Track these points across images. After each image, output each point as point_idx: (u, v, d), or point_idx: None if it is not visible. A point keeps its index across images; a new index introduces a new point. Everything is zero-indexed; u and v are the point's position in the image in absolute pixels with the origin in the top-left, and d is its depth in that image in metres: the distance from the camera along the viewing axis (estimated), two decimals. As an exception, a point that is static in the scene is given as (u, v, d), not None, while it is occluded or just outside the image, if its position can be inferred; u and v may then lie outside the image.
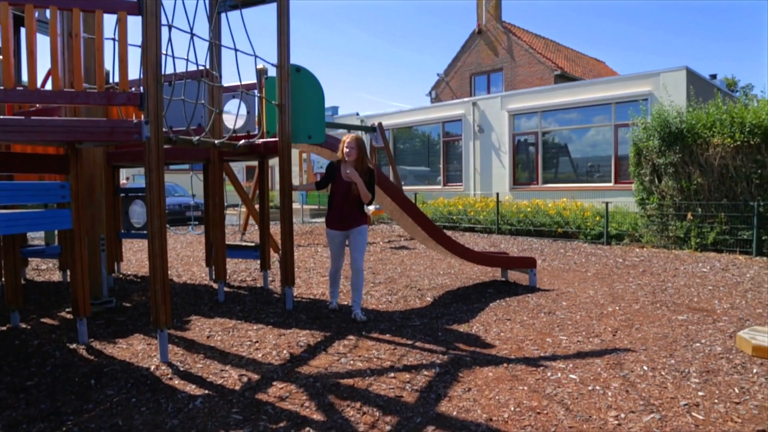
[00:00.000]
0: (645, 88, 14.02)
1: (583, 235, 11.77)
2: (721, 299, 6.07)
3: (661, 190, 10.68)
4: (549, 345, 4.34)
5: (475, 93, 25.72)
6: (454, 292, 6.43)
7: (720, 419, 3.03)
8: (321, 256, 9.52)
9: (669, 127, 10.43)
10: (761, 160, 9.55)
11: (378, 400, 3.24)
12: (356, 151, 5.02)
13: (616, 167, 14.64)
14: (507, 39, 25.20)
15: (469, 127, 17.76)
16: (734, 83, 40.30)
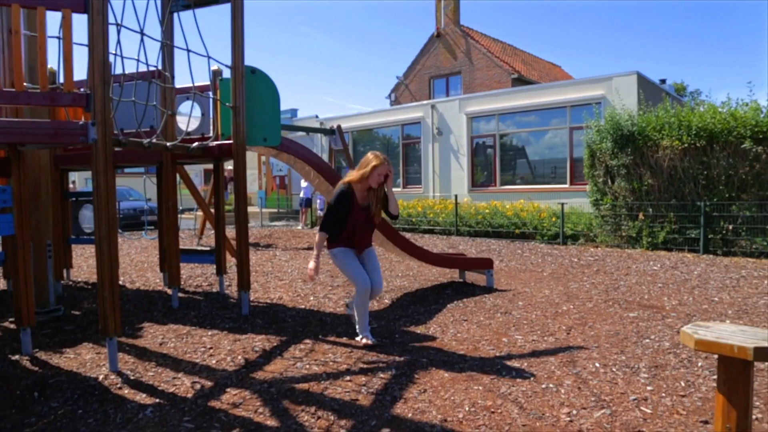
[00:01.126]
0: (598, 92, 14.36)
1: (540, 236, 11.97)
2: (670, 296, 6.24)
3: (614, 191, 10.96)
4: (505, 345, 4.39)
5: (434, 96, 25.92)
6: (413, 294, 6.44)
7: (666, 412, 3.11)
8: (279, 259, 9.42)
9: (621, 129, 10.71)
10: (707, 161, 9.89)
11: (333, 404, 3.21)
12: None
13: (572, 169, 14.96)
14: (465, 43, 25.48)
15: (428, 130, 17.89)
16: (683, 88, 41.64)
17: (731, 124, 9.65)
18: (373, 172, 4.18)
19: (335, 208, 4.22)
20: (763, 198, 9.46)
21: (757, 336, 2.48)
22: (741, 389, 2.45)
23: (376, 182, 4.23)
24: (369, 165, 4.19)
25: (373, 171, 4.18)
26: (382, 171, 4.19)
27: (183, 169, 7.62)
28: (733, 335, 2.49)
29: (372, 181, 4.21)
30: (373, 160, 4.19)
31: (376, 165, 4.17)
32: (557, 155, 15.55)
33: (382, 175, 4.21)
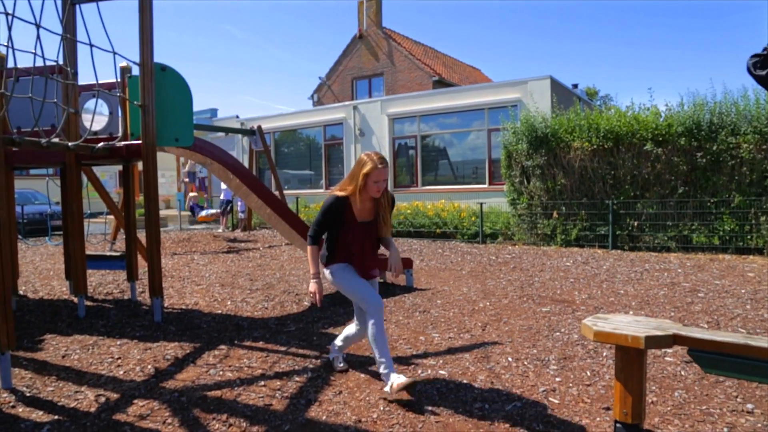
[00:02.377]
0: (514, 95, 14.85)
1: (461, 235, 12.23)
2: (581, 290, 6.53)
3: (530, 191, 11.35)
4: (422, 343, 4.44)
5: (356, 97, 25.98)
6: (333, 296, 6.41)
7: (573, 401, 3.24)
8: (197, 264, 9.14)
9: (535, 131, 11.11)
10: (614, 162, 10.43)
11: (246, 410, 3.13)
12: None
13: (490, 169, 15.38)
14: (387, 45, 25.70)
15: (351, 131, 17.91)
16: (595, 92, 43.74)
17: (635, 127, 10.23)
18: (367, 182, 3.26)
19: (326, 216, 3.36)
20: (664, 196, 10.08)
21: (649, 325, 2.63)
22: (635, 376, 2.58)
23: (376, 192, 3.30)
24: (360, 173, 3.26)
25: (367, 180, 3.25)
26: (378, 177, 3.25)
27: (91, 170, 7.25)
28: (628, 326, 2.62)
29: (371, 191, 3.30)
30: (365, 164, 3.26)
31: (368, 172, 3.23)
32: (477, 156, 15.96)
33: (381, 181, 3.28)
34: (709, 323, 5.04)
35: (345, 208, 3.35)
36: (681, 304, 5.81)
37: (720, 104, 9.89)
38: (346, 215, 3.36)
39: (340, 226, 3.39)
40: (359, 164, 3.30)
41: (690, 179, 9.96)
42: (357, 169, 3.31)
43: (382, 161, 3.27)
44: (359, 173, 3.27)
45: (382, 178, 3.27)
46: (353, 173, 3.32)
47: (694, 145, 9.80)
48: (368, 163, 3.25)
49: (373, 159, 3.26)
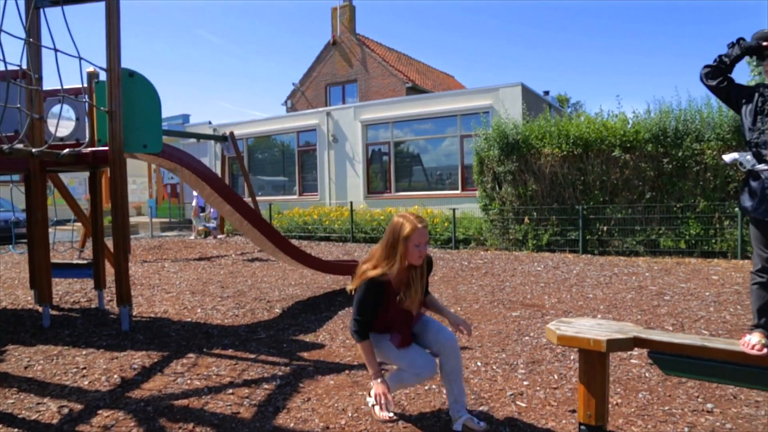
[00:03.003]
0: (486, 102, 15.00)
1: (434, 241, 12.29)
2: (551, 295, 6.61)
3: (502, 197, 11.47)
4: (392, 349, 4.45)
5: (330, 103, 25.97)
6: (305, 303, 6.39)
7: (540, 405, 3.28)
8: (168, 271, 9.02)
9: (507, 138, 11.24)
10: (584, 168, 10.60)
11: (213, 418, 3.10)
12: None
13: (463, 175, 15.50)
14: (361, 51, 25.76)
15: (324, 137, 17.89)
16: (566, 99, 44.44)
17: (603, 134, 10.41)
18: (408, 248, 2.79)
19: (368, 298, 2.85)
20: (632, 201, 10.27)
21: (611, 329, 2.68)
22: (598, 378, 2.62)
23: (418, 258, 2.83)
24: (399, 239, 2.78)
25: (408, 245, 2.78)
26: (420, 239, 2.79)
27: (57, 177, 7.13)
28: (590, 329, 2.67)
29: (412, 258, 2.81)
30: (402, 227, 2.79)
31: (408, 235, 2.77)
32: (449, 162, 16.07)
33: (423, 245, 2.82)
34: (674, 325, 5.15)
35: (384, 287, 2.85)
36: (647, 307, 5.92)
37: (685, 111, 10.13)
38: (386, 293, 2.86)
39: (381, 304, 2.90)
40: (395, 229, 2.81)
41: (657, 185, 10.17)
42: (393, 235, 2.81)
43: (421, 220, 2.83)
44: (398, 239, 2.78)
45: (424, 240, 2.81)
46: (388, 242, 2.82)
47: (660, 152, 10.02)
48: (406, 225, 2.78)
49: (411, 219, 2.81)
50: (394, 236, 2.80)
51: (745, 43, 2.53)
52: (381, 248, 2.88)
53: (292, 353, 4.38)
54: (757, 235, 2.52)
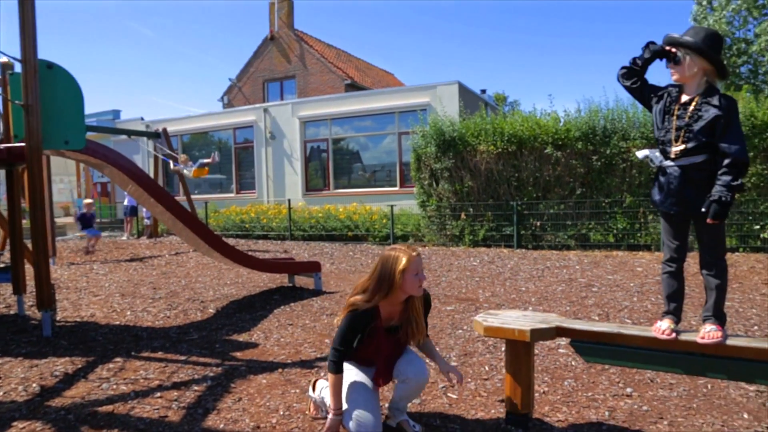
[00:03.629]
0: (424, 99, 15.15)
1: (372, 238, 12.33)
2: (485, 288, 6.75)
3: (439, 193, 11.62)
4: (327, 346, 4.43)
5: (268, 99, 25.59)
6: (240, 302, 6.28)
7: (470, 396, 3.35)
8: (96, 273, 8.67)
9: (443, 135, 11.39)
10: (518, 165, 10.87)
11: (139, 423, 3.01)
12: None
13: (401, 172, 15.62)
14: (299, 47, 25.50)
15: (261, 134, 17.64)
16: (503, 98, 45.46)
17: (536, 132, 10.70)
18: (407, 279, 2.62)
19: (350, 329, 2.69)
20: (564, 197, 10.61)
21: (535, 319, 2.76)
22: (524, 368, 2.70)
23: (419, 289, 2.69)
24: (395, 272, 2.61)
25: (405, 277, 2.62)
26: (418, 267, 2.68)
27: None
28: (516, 320, 2.74)
29: (412, 289, 2.66)
30: (397, 260, 2.63)
31: (405, 268, 2.61)
32: (388, 159, 16.16)
33: (422, 272, 2.70)
34: (600, 315, 5.36)
35: (371, 319, 2.70)
36: (576, 298, 6.13)
37: (612, 111, 10.55)
38: (375, 325, 2.72)
39: (368, 336, 2.74)
40: (388, 262, 2.65)
41: (587, 181, 10.54)
42: (385, 269, 2.65)
43: (413, 249, 2.71)
44: (392, 273, 2.61)
45: (421, 268, 2.70)
46: (382, 276, 2.64)
47: (590, 149, 10.39)
48: (402, 257, 2.63)
49: (404, 250, 2.68)
50: (387, 270, 2.63)
51: (654, 47, 2.65)
52: (370, 281, 2.71)
53: (224, 353, 4.30)
54: (665, 226, 2.65)
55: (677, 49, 2.56)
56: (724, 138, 2.42)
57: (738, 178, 2.37)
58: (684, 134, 2.51)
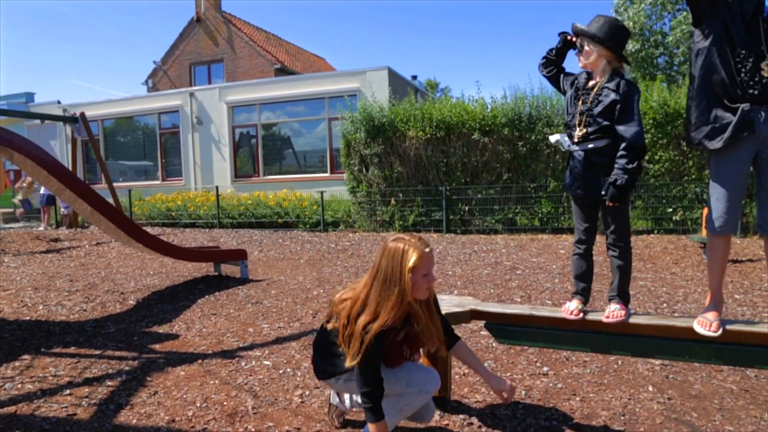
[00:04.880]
0: (354, 85, 15.08)
1: (302, 224, 12.23)
2: (412, 274, 6.81)
3: (369, 179, 11.64)
4: (250, 335, 4.36)
5: (195, 83, 24.79)
6: (162, 292, 6.08)
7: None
8: (7, 266, 8.18)
9: (373, 121, 11.39)
10: (446, 150, 11.02)
11: (44, 423, 2.86)
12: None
13: (332, 158, 15.53)
14: (227, 30, 24.78)
15: (188, 119, 17.09)
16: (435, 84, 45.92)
17: (464, 118, 10.87)
18: (416, 279, 2.23)
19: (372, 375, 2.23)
20: (491, 182, 10.85)
21: (452, 303, 2.80)
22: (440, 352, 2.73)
23: (425, 292, 2.30)
24: (403, 269, 2.20)
25: (415, 277, 2.22)
26: (429, 266, 2.27)
27: None
28: (433, 304, 2.77)
29: (419, 292, 2.27)
30: (406, 254, 2.22)
31: (416, 265, 2.21)
32: (318, 145, 16.03)
33: (431, 273, 2.29)
34: (522, 297, 5.52)
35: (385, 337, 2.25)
36: (501, 281, 6.29)
37: (537, 98, 10.85)
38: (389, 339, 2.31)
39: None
40: (394, 256, 2.22)
41: (513, 166, 10.82)
42: (392, 264, 2.21)
43: (425, 243, 2.28)
44: (402, 271, 2.20)
45: (431, 267, 2.29)
46: (386, 277, 2.21)
47: (515, 135, 10.65)
48: (410, 252, 2.21)
49: (414, 243, 2.24)
50: (395, 268, 2.20)
51: (562, 36, 2.73)
52: (372, 287, 2.26)
53: (142, 346, 4.15)
54: (575, 209, 2.75)
55: (578, 38, 2.65)
56: (621, 122, 2.51)
57: (634, 162, 2.47)
58: (585, 119, 2.60)
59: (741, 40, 2.31)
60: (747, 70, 2.30)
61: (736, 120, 2.33)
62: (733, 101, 2.35)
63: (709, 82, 2.40)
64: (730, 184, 2.41)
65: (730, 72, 2.34)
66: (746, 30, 2.30)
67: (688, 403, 3.08)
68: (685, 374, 3.49)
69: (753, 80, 2.29)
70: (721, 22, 2.34)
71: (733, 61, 2.33)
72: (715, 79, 2.39)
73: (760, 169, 2.39)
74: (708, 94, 2.43)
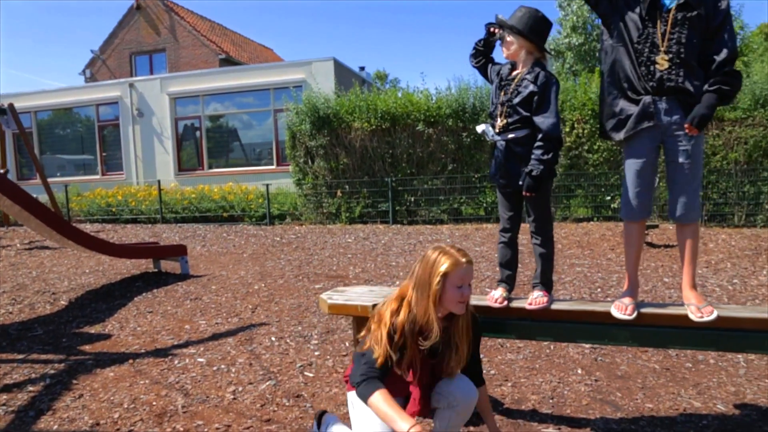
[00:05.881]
0: (299, 76, 14.90)
1: (248, 218, 12.05)
2: (356, 265, 6.82)
3: (315, 171, 11.55)
4: (186, 332, 4.27)
5: (136, 74, 24.00)
6: (97, 291, 5.89)
7: (327, 373, 3.37)
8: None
9: (318, 112, 11.29)
10: (392, 141, 11.03)
11: (-42, 432, 2.73)
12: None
13: (278, 150, 15.33)
14: (169, 18, 24.06)
15: (128, 111, 16.54)
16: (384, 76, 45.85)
17: (409, 109, 10.90)
18: (446, 287, 2.11)
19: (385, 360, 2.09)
20: (436, 173, 10.93)
21: (381, 294, 2.80)
22: (370, 344, 2.74)
23: (458, 305, 2.14)
24: (433, 274, 2.10)
25: (445, 284, 2.10)
26: (464, 278, 2.13)
27: None
28: (360, 296, 2.77)
29: (451, 303, 2.13)
30: (439, 261, 2.12)
31: (448, 270, 2.10)
32: (264, 137, 15.80)
33: (466, 286, 2.15)
34: (463, 286, 5.58)
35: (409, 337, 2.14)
36: (443, 270, 6.34)
37: (480, 89, 10.94)
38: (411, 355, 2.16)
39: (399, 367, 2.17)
40: (428, 263, 2.14)
41: (458, 157, 10.92)
42: (425, 271, 2.13)
43: (464, 254, 2.16)
44: (431, 275, 2.10)
45: (467, 281, 2.15)
46: (420, 280, 2.13)
47: (460, 126, 10.75)
48: (443, 258, 2.11)
49: (450, 252, 2.14)
50: (428, 272, 2.11)
51: (488, 28, 2.74)
52: (409, 288, 2.19)
53: (71, 348, 4.01)
54: (500, 198, 2.79)
55: (501, 30, 2.67)
56: (538, 113, 2.57)
57: (549, 152, 2.53)
58: (506, 109, 2.63)
59: (639, 35, 2.42)
60: (645, 64, 2.40)
61: (637, 111, 2.44)
62: (637, 94, 2.46)
63: (617, 77, 2.52)
64: (637, 173, 2.51)
65: (632, 66, 2.46)
66: (643, 25, 2.40)
67: (614, 384, 3.19)
68: (612, 356, 3.62)
69: (650, 73, 2.39)
70: (621, 19, 2.46)
71: (633, 56, 2.43)
72: (620, 74, 2.51)
73: (666, 158, 2.49)
74: (615, 89, 2.55)
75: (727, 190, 9.61)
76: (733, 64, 2.40)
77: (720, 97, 2.38)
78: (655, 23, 2.40)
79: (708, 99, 2.37)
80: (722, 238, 8.14)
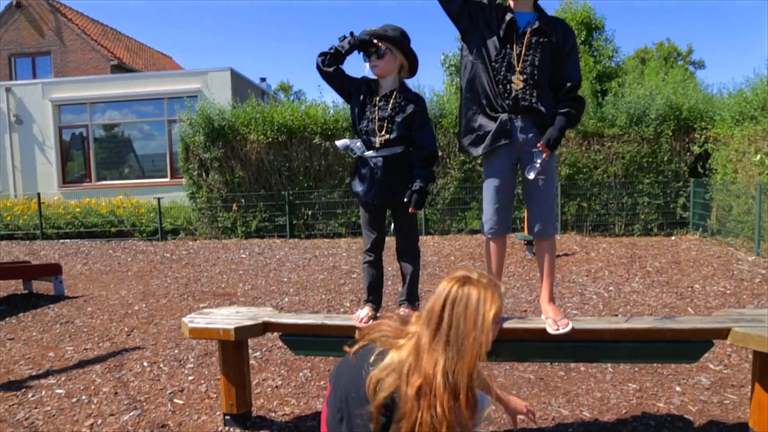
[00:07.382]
0: (195, 86, 14.46)
1: (139, 233, 11.48)
2: (246, 282, 6.66)
3: (209, 184, 11.20)
4: (49, 360, 3.98)
5: (17, 77, 22.32)
6: None
7: (198, 399, 3.24)
8: None
9: (212, 123, 10.96)
10: (288, 154, 10.91)
11: None
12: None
13: (171, 162, 14.77)
14: (55, 19, 22.60)
15: (4, 118, 15.33)
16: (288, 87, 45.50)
17: (306, 122, 10.83)
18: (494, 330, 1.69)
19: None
20: (334, 186, 10.92)
21: (247, 315, 2.74)
22: (235, 368, 2.66)
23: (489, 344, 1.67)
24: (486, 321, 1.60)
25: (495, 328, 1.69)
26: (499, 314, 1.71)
27: None
28: (225, 318, 2.69)
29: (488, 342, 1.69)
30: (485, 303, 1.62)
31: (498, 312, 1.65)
32: (157, 149, 15.17)
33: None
34: (353, 302, 5.60)
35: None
36: (334, 285, 6.34)
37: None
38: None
39: None
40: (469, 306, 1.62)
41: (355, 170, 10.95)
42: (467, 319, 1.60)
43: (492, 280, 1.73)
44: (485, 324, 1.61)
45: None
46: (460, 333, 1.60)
47: (357, 139, 10.80)
48: (489, 300, 1.63)
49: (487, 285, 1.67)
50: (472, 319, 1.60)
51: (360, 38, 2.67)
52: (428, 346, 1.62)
53: None
54: (366, 217, 2.80)
55: (381, 43, 2.65)
56: (420, 132, 2.64)
57: (432, 169, 2.68)
58: (387, 125, 2.65)
59: (497, 54, 2.52)
60: (502, 82, 2.51)
61: (495, 129, 2.54)
62: (495, 111, 2.56)
63: (476, 93, 2.60)
64: (496, 189, 2.61)
65: (490, 83, 2.55)
66: (501, 45, 2.50)
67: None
68: (491, 368, 3.72)
69: (506, 92, 2.50)
70: (481, 37, 2.54)
71: (491, 74, 2.53)
72: (478, 90, 2.59)
73: (523, 175, 2.60)
74: (474, 104, 2.62)
75: (608, 201, 10.27)
76: (578, 90, 2.57)
77: (569, 120, 2.54)
78: (512, 44, 2.51)
79: (560, 121, 2.52)
80: (603, 246, 8.67)
